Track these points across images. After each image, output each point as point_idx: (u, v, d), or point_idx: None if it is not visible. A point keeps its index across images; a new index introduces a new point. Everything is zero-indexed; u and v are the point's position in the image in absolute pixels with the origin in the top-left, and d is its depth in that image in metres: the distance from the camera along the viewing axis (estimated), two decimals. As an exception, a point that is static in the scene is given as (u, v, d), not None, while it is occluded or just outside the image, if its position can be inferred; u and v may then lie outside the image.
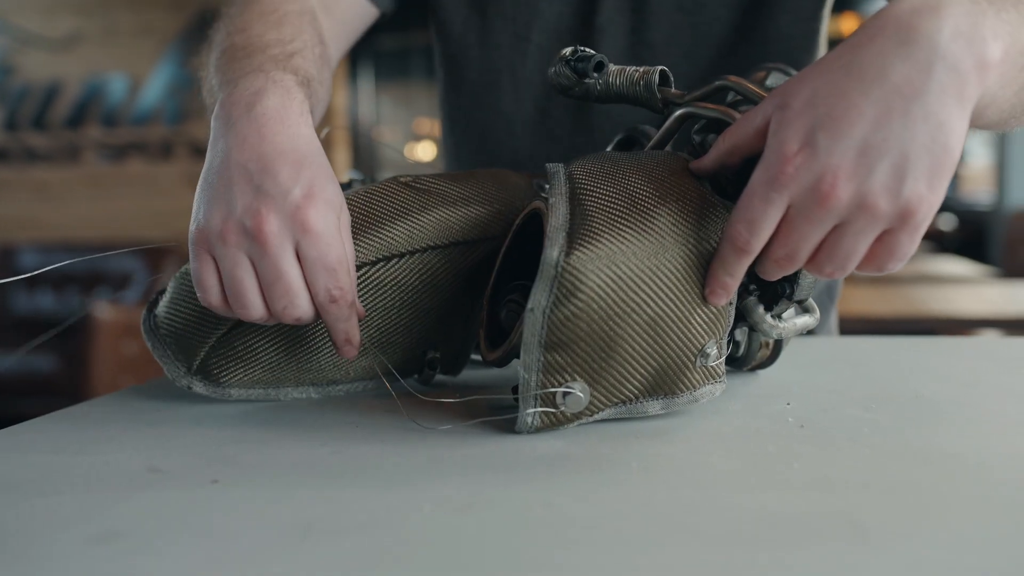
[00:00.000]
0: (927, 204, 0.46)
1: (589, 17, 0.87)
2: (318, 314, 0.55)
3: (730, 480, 0.44)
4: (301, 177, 0.53)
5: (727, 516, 0.39)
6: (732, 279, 0.52)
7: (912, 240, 0.47)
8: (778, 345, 0.66)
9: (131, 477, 0.46)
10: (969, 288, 2.62)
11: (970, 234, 4.47)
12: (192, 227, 0.54)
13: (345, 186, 0.72)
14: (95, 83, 4.33)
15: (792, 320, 0.60)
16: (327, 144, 0.66)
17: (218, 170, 0.55)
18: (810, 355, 0.76)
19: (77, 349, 3.34)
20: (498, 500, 0.42)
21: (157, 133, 4.31)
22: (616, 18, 0.86)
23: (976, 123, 0.50)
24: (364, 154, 5.92)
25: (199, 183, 0.56)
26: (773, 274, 0.51)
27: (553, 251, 0.51)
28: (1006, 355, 0.76)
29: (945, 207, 5.40)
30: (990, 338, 0.88)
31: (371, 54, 5.61)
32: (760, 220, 0.48)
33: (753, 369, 0.68)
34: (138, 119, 4.31)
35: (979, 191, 5.39)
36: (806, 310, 0.62)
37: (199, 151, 4.30)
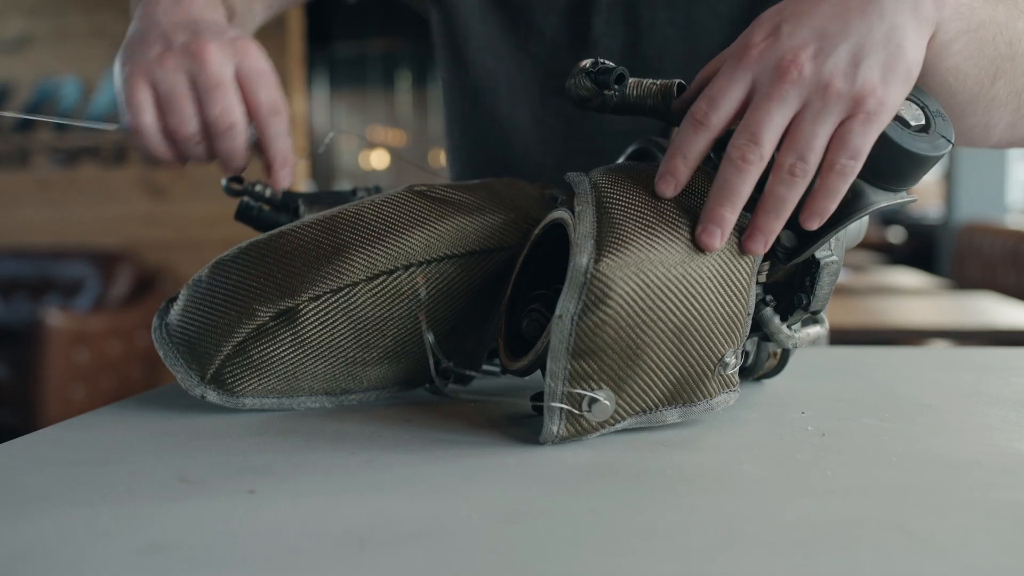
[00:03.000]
0: (879, 94, 0.49)
1: (584, 31, 0.88)
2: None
3: (769, 488, 0.45)
4: (231, 29, 0.61)
5: (777, 523, 0.40)
6: (686, 162, 0.53)
7: (865, 132, 0.50)
8: (785, 355, 0.67)
9: (162, 487, 0.46)
10: (922, 299, 2.68)
11: (919, 247, 4.57)
12: (124, 67, 0.60)
13: (350, 194, 0.72)
14: (46, 86, 4.23)
15: (805, 330, 0.61)
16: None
17: (144, 31, 0.62)
18: (808, 365, 0.77)
19: (27, 358, 3.25)
20: (544, 509, 0.42)
21: (110, 138, 4.23)
22: (610, 31, 0.87)
23: (946, 79, 0.56)
24: (320, 161, 5.87)
25: (121, 49, 0.62)
26: (735, 163, 0.51)
27: (582, 258, 0.51)
28: (995, 365, 0.78)
29: (895, 220, 5.52)
30: (971, 349, 0.90)
31: (327, 61, 5.57)
32: (720, 96, 0.51)
33: (760, 378, 0.69)
34: (91, 123, 4.23)
35: (928, 205, 5.54)
36: (816, 321, 0.63)
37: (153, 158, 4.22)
